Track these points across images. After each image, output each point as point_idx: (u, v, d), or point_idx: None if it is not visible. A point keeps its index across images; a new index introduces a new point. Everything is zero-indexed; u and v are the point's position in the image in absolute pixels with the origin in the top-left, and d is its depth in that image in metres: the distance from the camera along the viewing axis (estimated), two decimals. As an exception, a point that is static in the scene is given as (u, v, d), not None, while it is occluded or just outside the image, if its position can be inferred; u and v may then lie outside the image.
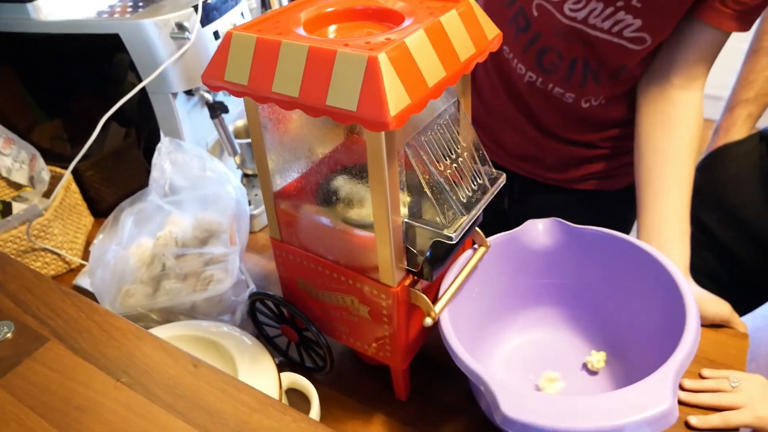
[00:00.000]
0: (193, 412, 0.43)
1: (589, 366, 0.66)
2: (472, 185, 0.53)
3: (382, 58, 0.41)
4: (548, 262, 0.67)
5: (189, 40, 0.76)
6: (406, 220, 0.52)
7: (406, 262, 0.54)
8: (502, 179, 0.56)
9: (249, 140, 0.95)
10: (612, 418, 0.46)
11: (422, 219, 0.53)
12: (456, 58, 0.48)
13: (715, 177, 0.94)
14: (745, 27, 0.73)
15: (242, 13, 0.86)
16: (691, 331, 0.52)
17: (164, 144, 0.78)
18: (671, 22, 0.74)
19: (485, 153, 0.56)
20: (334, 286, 0.59)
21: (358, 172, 0.57)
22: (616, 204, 1.00)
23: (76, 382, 0.46)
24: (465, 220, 0.51)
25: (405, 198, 0.52)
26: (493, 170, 0.57)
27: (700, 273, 0.95)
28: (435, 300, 0.57)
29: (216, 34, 0.81)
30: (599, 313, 0.67)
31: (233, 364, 0.56)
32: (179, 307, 0.66)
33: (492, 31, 0.52)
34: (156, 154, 0.78)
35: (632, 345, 0.64)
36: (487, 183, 0.55)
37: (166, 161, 0.77)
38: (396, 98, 0.41)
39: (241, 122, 0.99)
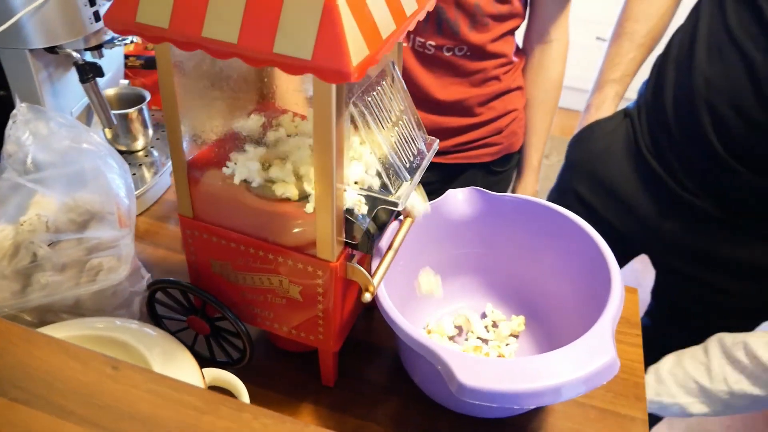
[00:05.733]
0: (123, 424, 0.35)
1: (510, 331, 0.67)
2: (413, 149, 0.51)
3: (341, 1, 0.36)
4: (469, 231, 0.67)
5: (52, -14, 0.63)
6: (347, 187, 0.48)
7: (344, 234, 0.50)
8: (437, 144, 0.55)
9: (124, 111, 0.83)
10: (564, 375, 0.46)
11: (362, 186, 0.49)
12: (402, 11, 0.44)
13: (589, 151, 1.02)
14: None
15: (111, -38, 0.74)
16: (617, 286, 0.55)
17: (21, 111, 0.65)
18: None
19: (419, 117, 0.53)
20: (258, 266, 0.53)
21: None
22: (490, 178, 1.06)
23: (-51, 407, 0.35)
24: (409, 186, 0.49)
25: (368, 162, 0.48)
26: (427, 135, 0.54)
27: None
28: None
29: (83, -17, 0.68)
30: (518, 279, 0.69)
31: (146, 364, 0.48)
32: (60, 305, 0.55)
33: (428, -11, 0.50)
34: (10, 123, 0.64)
35: (550, 307, 0.66)
36: (423, 148, 0.53)
37: (25, 132, 0.64)
38: (356, 47, 0.37)
39: (112, 91, 0.86)
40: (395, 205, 0.47)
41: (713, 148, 0.81)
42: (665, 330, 1.05)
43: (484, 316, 0.69)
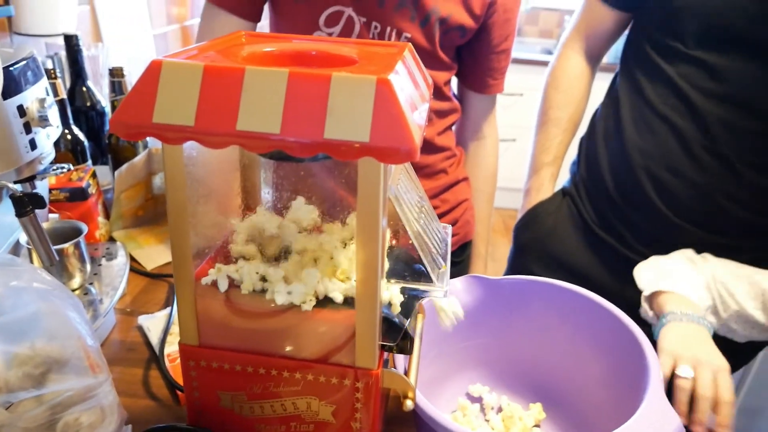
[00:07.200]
0: None
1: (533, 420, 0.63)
2: (437, 236, 0.49)
3: (394, 79, 0.35)
4: (473, 321, 0.64)
5: (-10, 113, 0.57)
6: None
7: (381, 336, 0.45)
8: (450, 229, 0.53)
9: (59, 246, 0.74)
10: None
11: (395, 278, 0.45)
12: (423, 94, 0.44)
13: (537, 232, 1.05)
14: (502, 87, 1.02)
15: (46, 89, 0.69)
16: (650, 350, 0.54)
17: (-51, 255, 0.55)
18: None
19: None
20: (281, 390, 0.46)
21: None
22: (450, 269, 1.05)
23: None
24: (446, 273, 0.46)
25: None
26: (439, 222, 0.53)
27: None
28: (401, 380, 0.49)
29: (21, 110, 0.62)
30: (531, 365, 0.66)
31: None
32: (29, 482, 0.43)
33: (429, 77, 0.50)
34: (-64, 271, 0.54)
35: (568, 387, 0.63)
36: (443, 234, 0.51)
37: (-43, 279, 0.54)
38: (412, 124, 0.35)
39: (44, 225, 0.76)
40: (442, 294, 0.43)
41: (659, 211, 0.87)
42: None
43: (500, 410, 0.64)
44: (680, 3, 0.81)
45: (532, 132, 1.10)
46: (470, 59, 0.96)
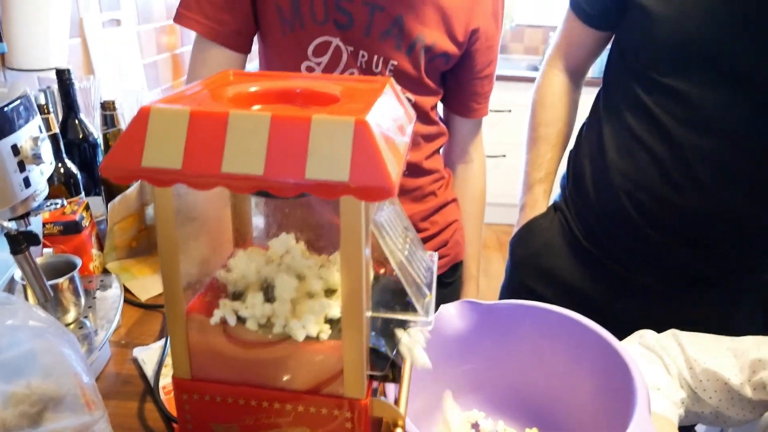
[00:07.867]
0: None
1: (527, 444, 0.64)
2: (423, 264, 0.50)
3: (371, 119, 0.37)
4: (467, 346, 0.65)
5: (-15, 154, 0.58)
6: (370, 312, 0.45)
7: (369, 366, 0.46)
8: (436, 257, 0.54)
9: (53, 281, 0.75)
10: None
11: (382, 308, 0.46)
12: (403, 128, 0.45)
13: (531, 248, 1.07)
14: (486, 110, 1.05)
15: (40, 126, 0.70)
16: (638, 376, 0.54)
17: (-57, 296, 0.56)
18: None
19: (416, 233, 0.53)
20: (273, 420, 0.47)
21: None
22: (442, 290, 1.06)
23: None
24: (432, 301, 0.47)
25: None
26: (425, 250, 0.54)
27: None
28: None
29: (15, 149, 0.63)
30: (525, 389, 0.66)
31: None
32: None
33: (411, 110, 0.52)
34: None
35: (564, 411, 0.64)
36: (429, 262, 0.52)
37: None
38: (390, 162, 0.37)
39: (38, 261, 0.77)
40: (427, 324, 0.45)
41: (641, 229, 0.88)
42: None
43: (496, 434, 0.65)
44: (653, 32, 0.82)
45: (521, 148, 1.11)
46: (455, 85, 0.98)
